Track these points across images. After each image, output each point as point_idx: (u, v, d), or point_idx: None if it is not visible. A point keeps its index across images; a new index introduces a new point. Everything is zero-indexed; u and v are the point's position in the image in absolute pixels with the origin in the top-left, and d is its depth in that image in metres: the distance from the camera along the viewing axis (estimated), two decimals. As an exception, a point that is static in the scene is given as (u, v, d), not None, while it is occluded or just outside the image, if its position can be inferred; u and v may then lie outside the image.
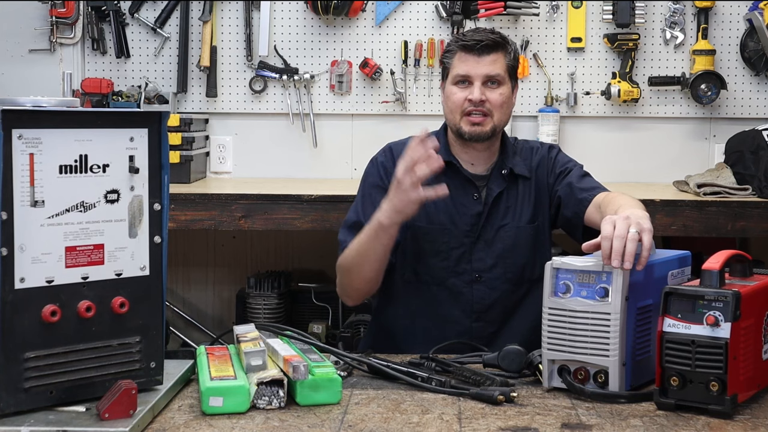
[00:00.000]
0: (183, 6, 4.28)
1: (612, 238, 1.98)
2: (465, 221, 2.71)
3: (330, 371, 1.95)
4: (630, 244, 1.97)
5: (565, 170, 2.75)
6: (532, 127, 4.28)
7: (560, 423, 1.84)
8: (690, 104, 4.30)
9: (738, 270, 2.03)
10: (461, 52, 2.69)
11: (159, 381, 1.93)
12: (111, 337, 1.85)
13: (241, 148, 4.39)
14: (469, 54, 2.67)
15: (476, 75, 2.66)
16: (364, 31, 4.33)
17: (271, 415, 1.86)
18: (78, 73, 4.29)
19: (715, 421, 1.85)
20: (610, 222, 2.03)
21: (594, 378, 2.00)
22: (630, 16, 4.22)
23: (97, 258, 1.84)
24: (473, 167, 2.75)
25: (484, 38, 2.68)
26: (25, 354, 1.75)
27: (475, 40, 2.67)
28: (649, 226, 2.05)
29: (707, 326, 1.86)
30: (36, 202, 1.75)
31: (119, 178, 1.86)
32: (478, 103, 2.65)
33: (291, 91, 4.34)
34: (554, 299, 2.02)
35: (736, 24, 4.30)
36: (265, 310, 4.19)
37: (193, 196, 3.59)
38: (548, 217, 2.76)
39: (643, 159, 4.34)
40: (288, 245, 4.56)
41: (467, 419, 1.85)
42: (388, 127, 4.23)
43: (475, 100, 2.65)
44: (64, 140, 1.78)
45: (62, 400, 1.80)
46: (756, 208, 3.59)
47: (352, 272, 2.63)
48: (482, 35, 2.69)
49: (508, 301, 2.71)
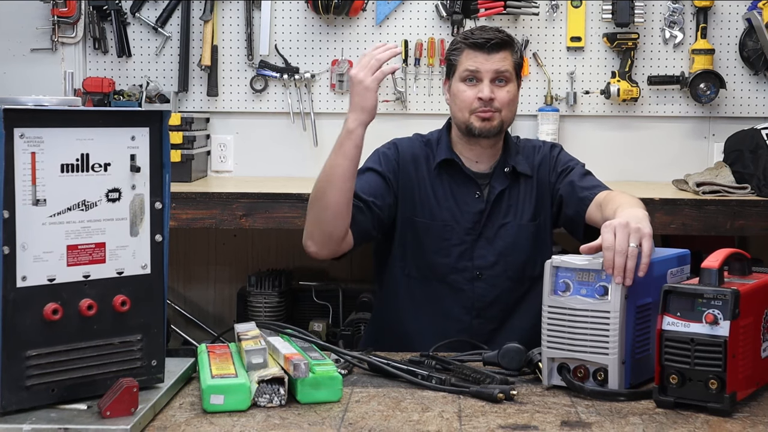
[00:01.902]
0: (184, 5, 4.29)
1: (614, 250, 1.99)
2: (467, 219, 2.72)
3: (331, 369, 1.95)
4: (630, 261, 1.98)
5: (566, 169, 2.76)
6: (532, 126, 4.29)
7: (560, 421, 1.84)
8: (689, 103, 4.30)
9: (737, 268, 2.03)
10: (469, 50, 2.70)
11: (160, 379, 1.93)
12: (112, 335, 1.86)
13: (242, 147, 4.39)
14: (479, 51, 2.69)
15: (486, 71, 2.67)
16: (364, 30, 4.34)
17: (272, 413, 1.87)
18: (79, 73, 4.30)
19: (714, 419, 1.85)
20: (610, 230, 2.03)
21: (593, 376, 2.00)
22: (629, 15, 4.23)
23: (98, 256, 1.84)
24: (476, 165, 2.76)
25: (493, 36, 2.69)
26: (27, 352, 1.75)
27: (485, 38, 2.69)
28: (648, 230, 2.06)
29: (706, 324, 1.86)
30: (38, 200, 1.76)
31: (120, 177, 1.86)
32: (488, 101, 2.66)
33: (292, 90, 4.35)
34: (554, 297, 2.03)
35: (735, 23, 4.30)
36: (265, 309, 4.19)
37: (194, 195, 3.59)
38: (550, 216, 2.77)
39: (642, 158, 4.34)
40: (289, 244, 4.56)
41: (467, 417, 1.86)
42: (388, 127, 4.21)
43: (485, 98, 2.66)
44: (65, 139, 1.79)
45: (64, 398, 1.80)
46: (755, 207, 3.59)
47: (319, 200, 2.52)
48: (491, 33, 2.71)
49: (508, 299, 2.72)
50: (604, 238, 2.02)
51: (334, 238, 2.57)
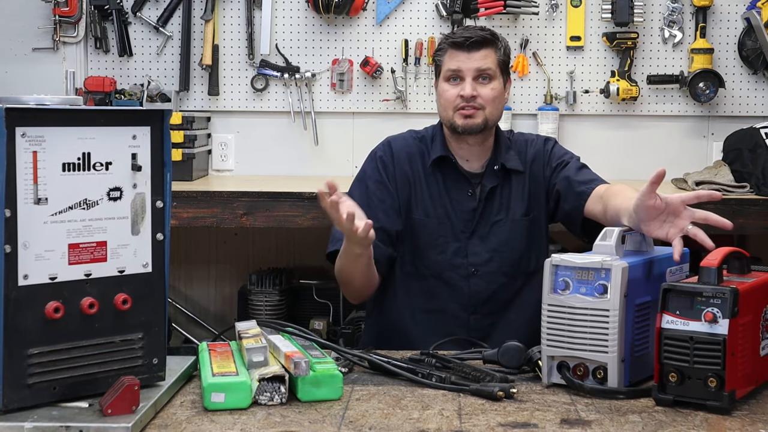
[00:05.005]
0: (185, 5, 4.30)
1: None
2: (460, 217, 2.73)
3: (331, 367, 1.96)
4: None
5: (561, 163, 2.76)
6: (532, 125, 4.29)
7: (559, 419, 1.85)
8: (688, 102, 4.31)
9: (736, 267, 2.03)
10: (452, 50, 2.71)
11: (161, 377, 1.94)
12: (114, 333, 1.86)
13: (243, 146, 4.40)
14: (460, 50, 2.69)
15: (467, 70, 2.68)
16: (364, 29, 4.35)
17: (273, 410, 1.87)
18: (81, 72, 4.31)
19: (713, 417, 1.85)
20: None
21: (593, 374, 2.01)
22: (629, 14, 4.24)
23: (99, 255, 1.85)
24: (468, 164, 2.76)
25: (474, 35, 2.70)
26: (29, 350, 1.76)
27: (465, 37, 2.70)
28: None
29: (705, 323, 1.86)
30: (39, 199, 1.76)
31: (122, 176, 1.87)
32: (470, 98, 2.67)
33: (292, 89, 4.36)
34: (553, 296, 2.03)
35: (734, 23, 4.31)
36: (266, 307, 4.20)
37: (195, 194, 3.60)
38: (545, 210, 2.77)
39: (641, 157, 4.35)
40: (289, 242, 4.57)
41: (467, 415, 1.86)
42: (388, 125, 4.23)
43: (466, 95, 2.66)
44: (67, 138, 1.79)
45: (65, 396, 1.81)
46: (754, 206, 3.60)
47: (347, 284, 2.69)
48: (471, 32, 2.72)
49: (504, 294, 2.73)
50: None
51: (367, 294, 2.77)
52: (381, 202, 2.72)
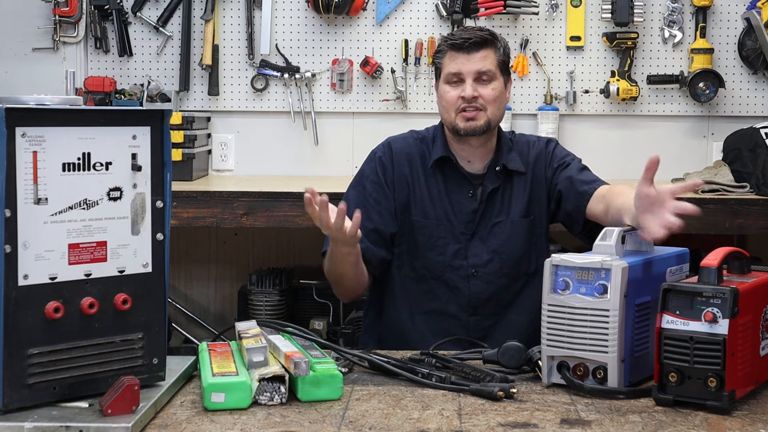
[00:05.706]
0: (185, 5, 4.30)
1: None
2: (460, 218, 2.72)
3: (331, 367, 1.96)
4: None
5: (563, 164, 2.76)
6: (532, 125, 4.29)
7: (559, 419, 1.85)
8: (688, 102, 4.31)
9: (736, 267, 2.03)
10: (451, 51, 2.70)
11: (161, 377, 1.94)
12: (114, 333, 1.86)
13: (243, 146, 4.40)
14: (459, 52, 2.69)
15: (467, 72, 2.68)
16: (364, 29, 4.35)
17: (273, 410, 1.87)
18: (81, 72, 4.31)
19: (713, 417, 1.86)
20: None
21: (593, 374, 2.01)
22: (629, 14, 4.24)
23: (99, 255, 1.85)
24: (470, 165, 2.76)
25: (473, 36, 2.69)
26: (29, 350, 1.76)
27: (464, 38, 2.69)
28: None
29: (705, 323, 1.87)
30: (39, 199, 1.76)
31: (122, 176, 1.87)
32: (471, 99, 2.66)
33: (292, 89, 4.36)
34: (553, 296, 2.03)
35: (734, 23, 4.31)
36: (266, 307, 4.20)
37: (195, 194, 3.60)
38: (545, 211, 2.77)
39: (641, 157, 4.26)
40: (289, 242, 4.57)
41: (467, 415, 1.86)
42: (388, 125, 4.24)
43: (467, 96, 2.66)
44: (67, 138, 1.79)
45: (65, 396, 1.81)
46: (754, 206, 3.60)
47: (337, 284, 2.71)
48: (470, 33, 2.71)
49: (504, 295, 2.73)
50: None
51: (358, 292, 2.76)
52: (377, 203, 2.72)
